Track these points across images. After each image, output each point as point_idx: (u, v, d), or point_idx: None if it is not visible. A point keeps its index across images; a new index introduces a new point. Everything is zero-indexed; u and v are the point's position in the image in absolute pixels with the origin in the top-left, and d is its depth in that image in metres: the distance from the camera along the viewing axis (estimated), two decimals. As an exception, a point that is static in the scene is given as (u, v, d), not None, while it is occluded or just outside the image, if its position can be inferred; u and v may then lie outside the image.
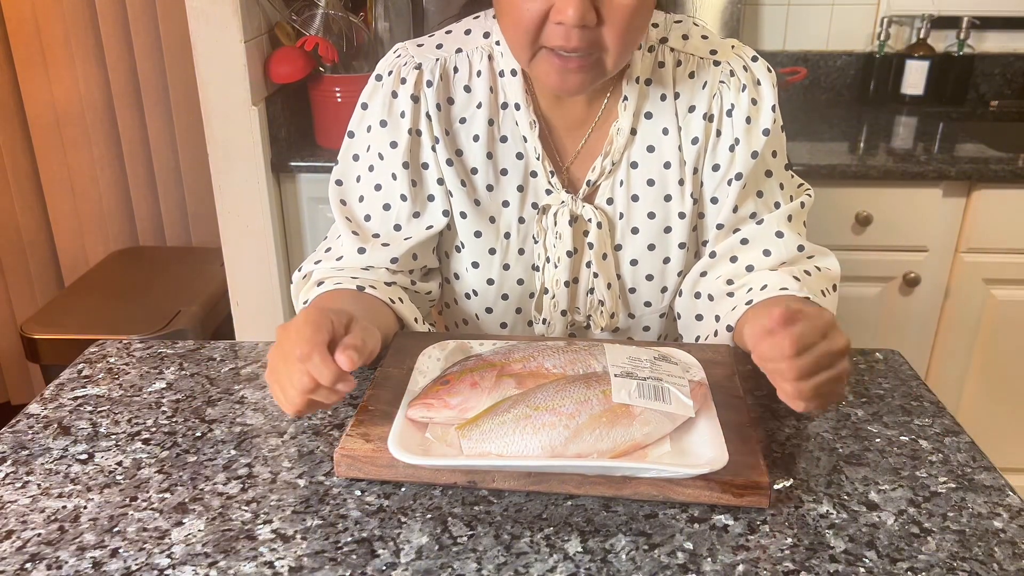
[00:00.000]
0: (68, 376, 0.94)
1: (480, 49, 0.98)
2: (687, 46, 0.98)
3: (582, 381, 0.76)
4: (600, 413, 0.73)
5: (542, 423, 0.72)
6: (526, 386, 0.77)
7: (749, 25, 2.28)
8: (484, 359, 0.81)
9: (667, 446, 0.75)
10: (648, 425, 0.73)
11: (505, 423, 0.73)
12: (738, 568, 0.65)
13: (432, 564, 0.65)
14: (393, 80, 0.98)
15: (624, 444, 0.72)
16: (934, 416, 0.85)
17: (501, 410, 0.74)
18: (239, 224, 1.86)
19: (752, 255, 0.98)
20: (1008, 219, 1.82)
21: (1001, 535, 0.69)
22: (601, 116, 0.98)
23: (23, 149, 2.42)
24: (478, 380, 0.77)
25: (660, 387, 0.75)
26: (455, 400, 0.76)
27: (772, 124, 0.96)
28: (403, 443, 0.72)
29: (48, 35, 2.29)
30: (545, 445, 0.71)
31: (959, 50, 2.22)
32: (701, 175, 0.99)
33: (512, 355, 0.81)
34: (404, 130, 0.98)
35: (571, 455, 0.71)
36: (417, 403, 0.76)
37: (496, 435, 0.72)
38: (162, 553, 0.66)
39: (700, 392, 0.77)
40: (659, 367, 0.79)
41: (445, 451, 0.74)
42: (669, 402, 0.74)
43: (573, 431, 0.72)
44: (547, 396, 0.75)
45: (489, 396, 0.76)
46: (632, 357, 0.80)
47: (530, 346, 0.83)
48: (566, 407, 0.73)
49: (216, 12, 1.69)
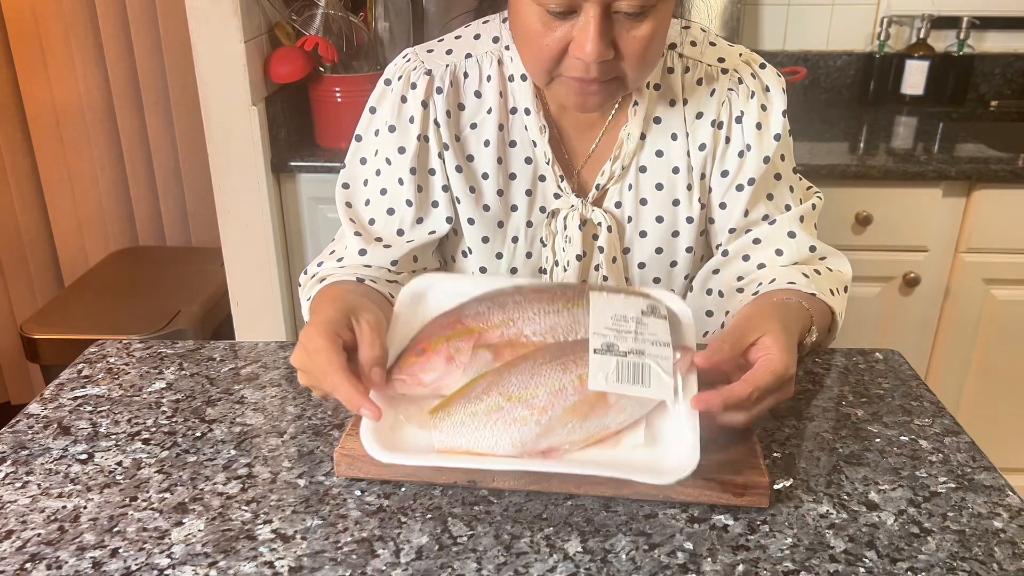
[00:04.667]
0: (68, 376, 0.94)
1: (490, 54, 0.98)
2: (695, 52, 0.98)
3: (559, 363, 0.74)
4: (574, 405, 0.72)
5: (514, 417, 0.72)
6: (503, 358, 0.76)
7: (749, 25, 2.28)
8: (464, 323, 0.79)
9: (641, 435, 0.74)
10: (623, 412, 0.73)
11: (477, 415, 0.72)
12: (738, 568, 0.65)
13: (432, 564, 0.65)
14: (403, 85, 0.98)
15: (598, 434, 0.72)
16: (934, 416, 0.85)
17: (474, 396, 0.73)
18: (239, 224, 1.86)
19: (764, 254, 0.98)
20: (1008, 219, 1.82)
21: (1001, 535, 0.69)
22: (611, 121, 0.99)
23: (23, 149, 2.42)
24: (454, 353, 0.76)
25: (640, 365, 0.72)
26: (429, 377, 0.76)
27: (782, 129, 0.97)
28: (376, 426, 0.71)
29: (48, 35, 2.29)
30: (516, 441, 0.71)
31: (959, 50, 2.22)
32: (709, 181, 0.99)
33: (492, 317, 0.79)
34: (413, 136, 0.98)
35: (543, 448, 0.71)
36: (391, 378, 0.76)
37: (468, 429, 0.72)
38: (162, 553, 0.66)
39: (685, 361, 0.75)
40: (644, 329, 0.76)
41: (416, 437, 0.73)
42: (648, 384, 0.72)
43: (545, 427, 0.71)
44: (521, 382, 0.73)
45: (464, 374, 0.76)
46: (617, 317, 0.77)
47: (514, 304, 0.80)
48: (539, 398, 0.72)
49: (216, 12, 1.69)
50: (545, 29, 0.83)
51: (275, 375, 0.93)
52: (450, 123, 0.98)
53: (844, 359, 0.97)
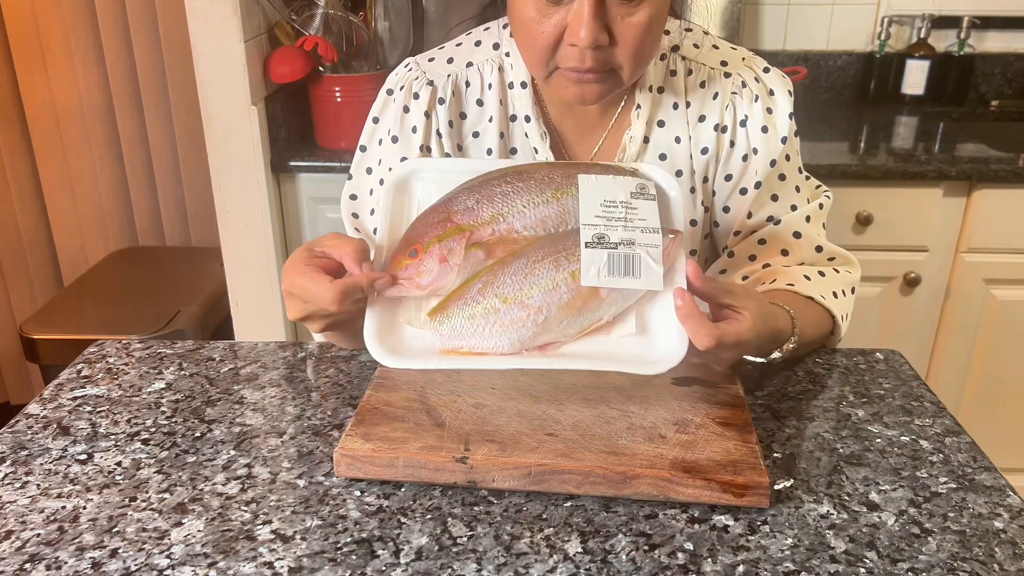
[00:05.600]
0: (67, 376, 0.94)
1: (490, 61, 0.98)
2: (698, 55, 0.98)
3: (551, 260, 0.77)
4: (568, 302, 0.76)
5: (511, 319, 0.76)
6: (495, 255, 0.78)
7: (749, 25, 2.28)
8: (454, 220, 0.79)
9: (632, 324, 0.78)
10: (615, 305, 0.77)
11: (475, 317, 0.77)
12: (738, 568, 0.64)
13: (432, 565, 0.65)
14: (405, 95, 0.98)
15: (592, 325, 0.77)
16: (935, 416, 0.85)
17: (470, 298, 0.77)
18: (239, 224, 1.86)
19: (770, 255, 0.98)
20: (1008, 219, 1.82)
21: (1002, 535, 0.69)
22: (614, 124, 0.98)
23: (22, 149, 2.42)
24: (446, 255, 0.78)
25: (631, 256, 0.75)
26: (425, 280, 0.78)
27: (788, 131, 0.97)
28: (380, 332, 0.76)
29: (48, 35, 2.29)
30: (514, 341, 0.77)
31: (959, 50, 2.22)
32: (712, 185, 0.99)
33: (482, 212, 0.79)
34: (415, 146, 0.98)
35: (540, 343, 0.77)
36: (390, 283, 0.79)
37: (467, 331, 0.77)
38: (161, 553, 0.66)
39: (673, 247, 0.78)
40: (634, 214, 0.78)
41: (418, 339, 0.78)
42: (639, 275, 0.75)
43: (541, 326, 0.76)
44: (516, 283, 0.77)
45: (458, 274, 0.78)
46: (607, 203, 0.78)
47: (502, 197, 0.80)
48: (534, 298, 0.76)
49: (216, 12, 1.69)
50: (540, 16, 0.83)
51: (275, 375, 0.93)
52: (452, 133, 0.98)
53: (844, 359, 0.97)
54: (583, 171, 0.81)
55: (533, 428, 0.75)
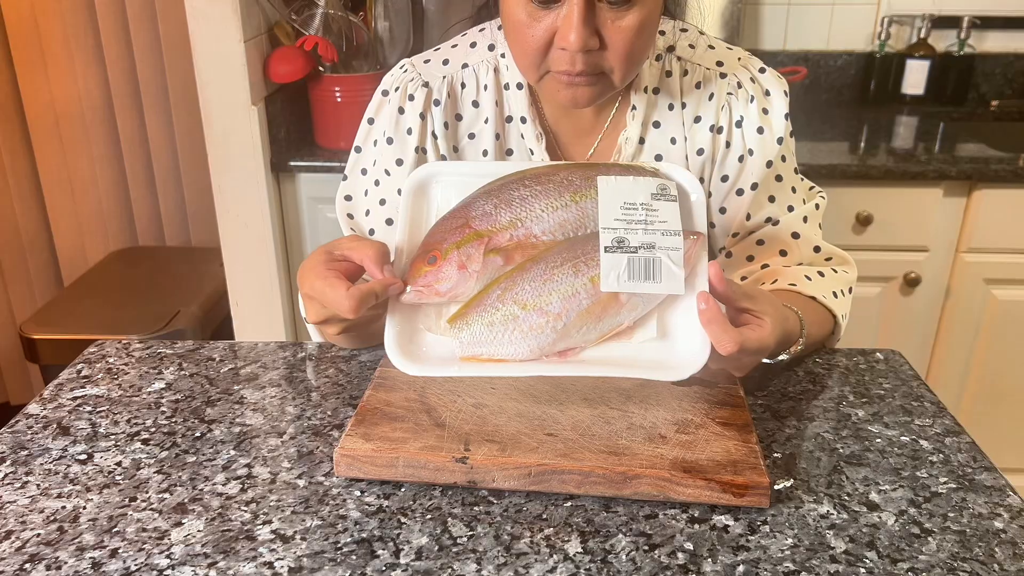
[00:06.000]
0: (67, 376, 0.94)
1: (486, 63, 0.98)
2: (694, 56, 0.98)
3: (570, 266, 0.76)
4: (588, 308, 0.75)
5: (531, 326, 0.76)
6: (514, 261, 0.78)
7: (749, 25, 2.28)
8: (472, 226, 0.79)
9: (653, 329, 0.77)
10: (635, 310, 0.76)
11: (494, 324, 0.76)
12: (738, 568, 0.64)
13: (432, 565, 0.65)
14: (400, 96, 0.98)
15: (612, 330, 0.75)
16: (935, 416, 0.85)
17: (489, 305, 0.77)
18: (238, 224, 1.86)
19: (768, 255, 0.98)
20: (1009, 219, 1.82)
21: (1002, 535, 0.68)
22: (609, 125, 0.98)
23: (22, 149, 2.42)
24: (465, 261, 0.77)
25: (651, 260, 0.74)
26: (444, 287, 0.78)
27: (784, 132, 0.96)
28: (400, 340, 0.76)
29: (48, 35, 2.29)
30: (534, 347, 0.76)
31: (959, 50, 2.22)
32: (708, 186, 0.99)
33: (500, 218, 0.79)
34: (411, 148, 0.98)
35: (560, 349, 0.76)
36: (409, 290, 0.79)
37: (487, 338, 0.76)
38: (161, 554, 0.66)
39: (695, 250, 0.76)
40: (654, 216, 0.76)
41: (438, 346, 0.78)
42: (659, 279, 0.74)
43: (561, 332, 0.76)
44: (534, 289, 0.76)
45: (477, 280, 0.78)
46: (627, 204, 0.77)
47: (520, 201, 0.79)
48: (553, 304, 0.75)
49: (215, 12, 1.69)
50: (531, 20, 0.82)
51: (275, 375, 0.93)
52: (448, 135, 0.98)
53: (845, 359, 0.97)
54: (602, 172, 0.79)
55: (533, 428, 0.75)
